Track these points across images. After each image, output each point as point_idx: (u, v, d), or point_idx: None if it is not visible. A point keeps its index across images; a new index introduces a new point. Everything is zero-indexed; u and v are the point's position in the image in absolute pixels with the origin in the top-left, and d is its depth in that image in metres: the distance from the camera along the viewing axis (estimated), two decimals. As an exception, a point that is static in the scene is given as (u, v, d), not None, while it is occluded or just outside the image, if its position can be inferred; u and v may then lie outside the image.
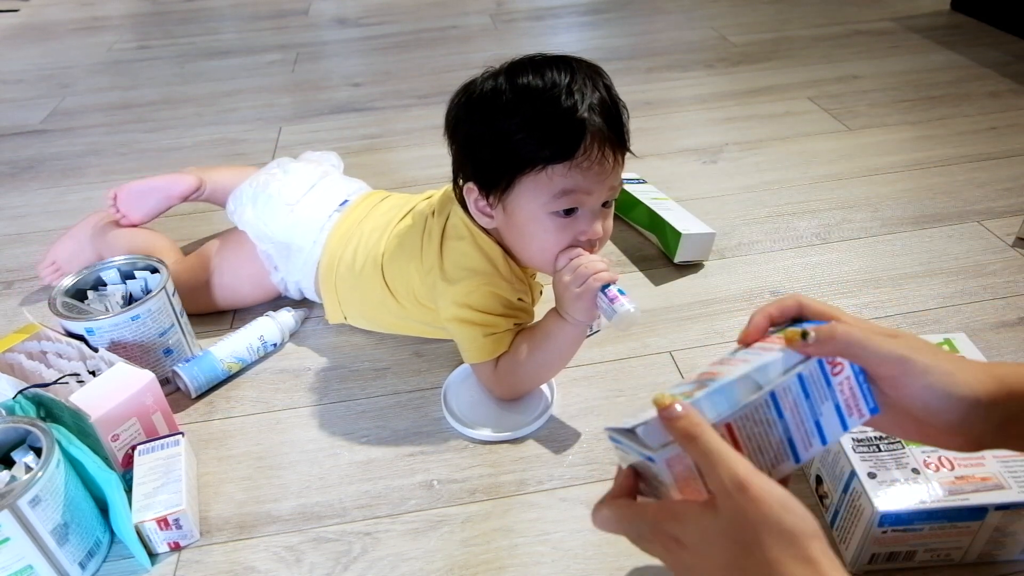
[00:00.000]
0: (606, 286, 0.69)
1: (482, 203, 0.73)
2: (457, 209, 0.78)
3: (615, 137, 0.69)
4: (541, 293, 0.87)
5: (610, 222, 0.74)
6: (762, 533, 0.40)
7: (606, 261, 0.71)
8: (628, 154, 0.72)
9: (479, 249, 0.76)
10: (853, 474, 0.60)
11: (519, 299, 0.79)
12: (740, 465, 0.41)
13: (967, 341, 0.71)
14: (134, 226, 1.04)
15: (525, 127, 0.67)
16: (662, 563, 0.45)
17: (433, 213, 0.81)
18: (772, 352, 0.47)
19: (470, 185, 0.73)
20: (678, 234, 0.97)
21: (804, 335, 0.47)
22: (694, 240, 0.98)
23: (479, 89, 0.70)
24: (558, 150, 0.66)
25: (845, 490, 0.61)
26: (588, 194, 0.69)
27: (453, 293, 0.76)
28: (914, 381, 0.45)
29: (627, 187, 1.09)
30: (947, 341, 0.71)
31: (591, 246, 0.73)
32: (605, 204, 0.72)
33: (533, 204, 0.69)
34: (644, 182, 1.14)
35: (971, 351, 0.70)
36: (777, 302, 0.52)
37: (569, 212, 0.70)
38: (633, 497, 0.48)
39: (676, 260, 0.99)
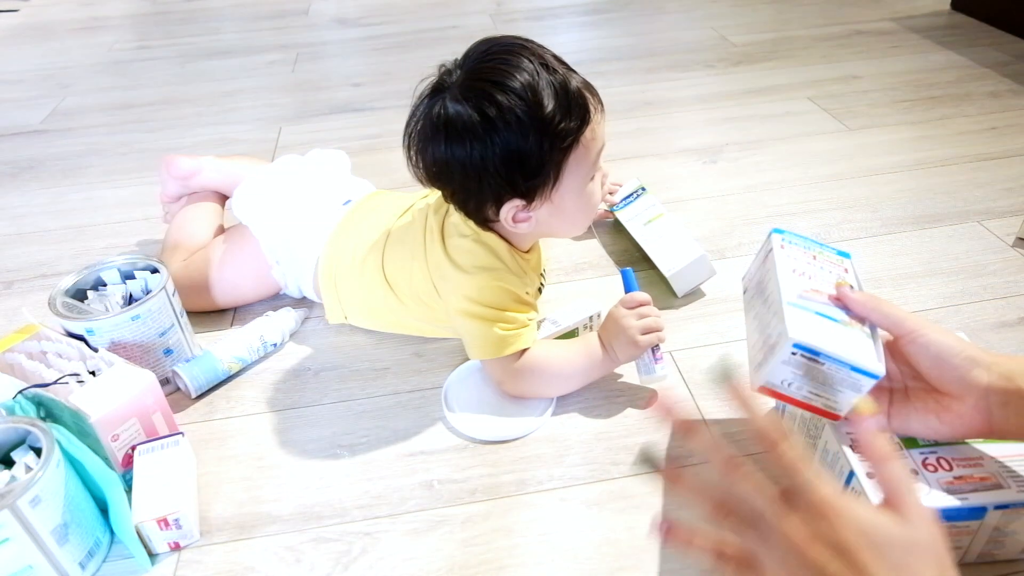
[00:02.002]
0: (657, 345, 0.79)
1: (521, 213, 0.73)
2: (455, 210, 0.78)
3: (592, 85, 0.73)
4: (540, 291, 0.87)
5: None
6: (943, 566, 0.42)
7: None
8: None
9: (484, 246, 0.77)
10: (852, 474, 0.59)
11: (526, 292, 0.80)
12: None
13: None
14: (175, 200, 1.10)
15: (554, 115, 0.68)
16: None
17: (433, 211, 0.81)
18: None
19: (511, 204, 0.71)
20: (664, 276, 0.94)
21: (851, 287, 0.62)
22: (684, 273, 0.94)
23: (476, 115, 0.67)
24: (581, 120, 0.70)
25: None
26: (603, 144, 0.74)
27: (465, 288, 0.76)
28: (929, 332, 0.57)
29: (620, 215, 1.05)
30: None
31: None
32: None
33: (580, 177, 0.73)
34: (640, 195, 1.06)
35: None
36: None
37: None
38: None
39: (679, 296, 0.94)
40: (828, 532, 0.41)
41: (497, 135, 0.67)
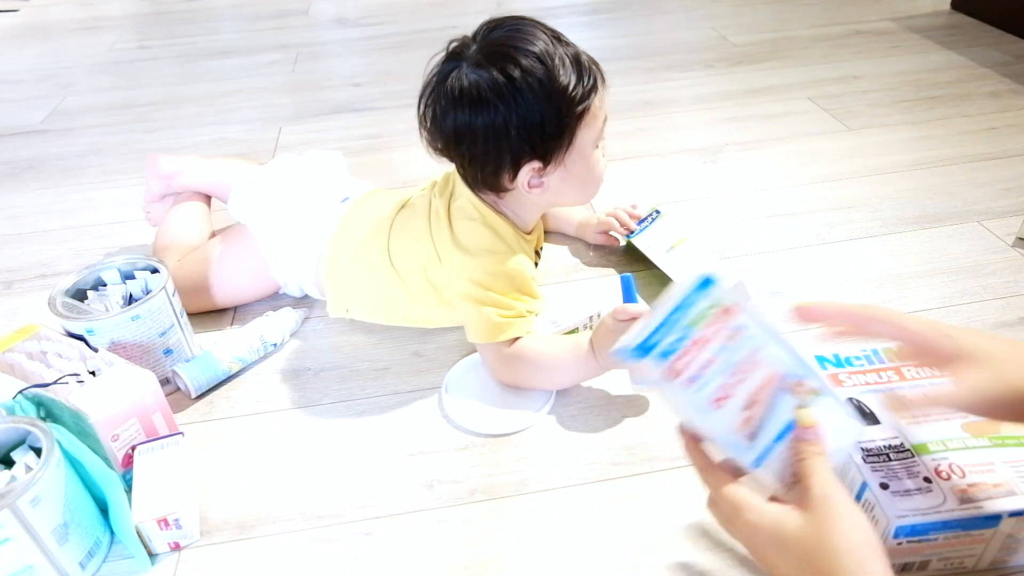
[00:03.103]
0: None
1: (536, 180, 0.75)
2: (461, 189, 0.79)
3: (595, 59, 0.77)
4: (536, 265, 0.87)
5: None
6: (837, 545, 0.45)
7: None
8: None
9: (490, 228, 0.78)
10: (865, 485, 0.59)
11: (531, 277, 0.81)
12: (832, 483, 0.48)
13: None
14: (158, 199, 1.10)
15: (569, 82, 0.72)
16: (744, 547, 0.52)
17: (436, 195, 0.82)
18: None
19: (530, 166, 0.74)
20: None
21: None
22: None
23: (499, 78, 0.70)
24: (591, 87, 0.74)
25: (857, 500, 0.60)
26: (606, 115, 0.77)
27: (469, 271, 0.78)
28: (966, 376, 0.52)
29: (636, 242, 0.99)
30: None
31: None
32: None
33: (588, 144, 0.76)
34: (658, 216, 1.01)
35: None
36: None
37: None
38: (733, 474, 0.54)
39: None
40: (731, 529, 0.52)
41: (521, 96, 0.71)
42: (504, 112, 0.71)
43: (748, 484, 0.51)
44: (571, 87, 0.72)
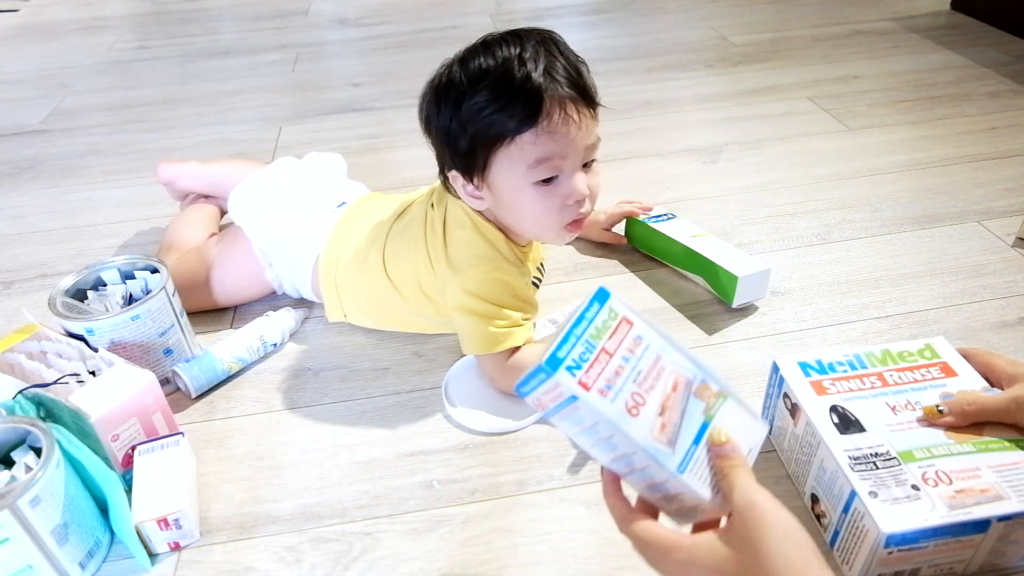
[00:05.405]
0: None
1: (469, 187, 0.75)
2: (454, 199, 0.79)
3: (577, 96, 0.70)
4: (536, 286, 0.87)
5: (597, 179, 0.75)
6: (773, 562, 0.44)
7: None
8: (602, 111, 0.74)
9: (482, 236, 0.78)
10: (854, 494, 0.58)
11: (526, 283, 0.80)
12: (753, 490, 0.47)
13: (946, 344, 0.70)
14: (181, 198, 1.14)
15: (486, 105, 0.69)
16: None
17: (432, 206, 0.82)
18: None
19: (454, 173, 0.75)
20: (733, 277, 0.89)
21: (940, 411, 0.62)
22: (750, 281, 0.89)
23: (438, 81, 0.73)
24: (521, 119, 0.68)
25: (846, 510, 0.60)
26: (563, 158, 0.71)
27: (462, 281, 0.77)
28: None
29: (657, 226, 1.00)
30: (928, 347, 0.70)
31: (581, 207, 0.74)
32: (586, 164, 0.74)
33: (512, 176, 0.72)
34: (674, 217, 1.03)
35: (951, 354, 0.69)
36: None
37: (550, 179, 0.72)
38: (653, 514, 0.52)
39: (735, 305, 0.90)
40: (662, 569, 0.49)
41: (438, 102, 0.72)
42: (429, 113, 0.74)
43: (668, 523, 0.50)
44: (484, 111, 0.68)
